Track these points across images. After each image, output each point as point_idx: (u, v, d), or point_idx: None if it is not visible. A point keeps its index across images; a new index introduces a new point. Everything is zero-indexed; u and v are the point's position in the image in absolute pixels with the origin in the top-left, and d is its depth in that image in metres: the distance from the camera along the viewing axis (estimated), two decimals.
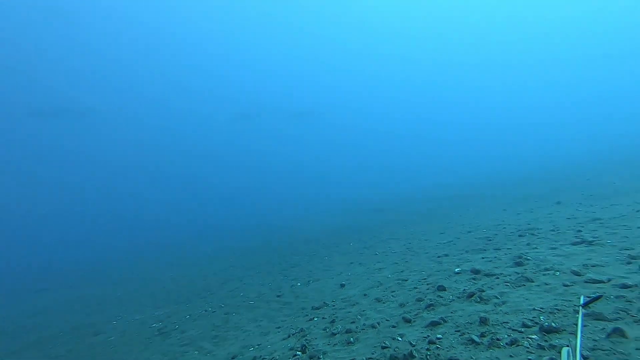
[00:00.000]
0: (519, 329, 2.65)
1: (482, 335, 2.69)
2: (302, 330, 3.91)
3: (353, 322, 3.68)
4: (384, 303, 4.17)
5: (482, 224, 8.57)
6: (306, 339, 3.53)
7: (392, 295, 4.42)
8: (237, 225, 26.53)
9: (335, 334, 3.48)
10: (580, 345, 1.60)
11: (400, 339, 2.99)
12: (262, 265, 10.05)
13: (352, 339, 3.22)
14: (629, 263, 3.51)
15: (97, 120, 70.33)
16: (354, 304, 4.40)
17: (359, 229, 13.69)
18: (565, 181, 12.53)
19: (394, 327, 3.32)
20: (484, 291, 3.70)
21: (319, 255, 9.73)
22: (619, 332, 2.20)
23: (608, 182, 9.97)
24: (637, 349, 2.01)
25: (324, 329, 3.73)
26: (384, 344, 2.92)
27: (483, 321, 2.92)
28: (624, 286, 2.94)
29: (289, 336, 3.88)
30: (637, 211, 5.75)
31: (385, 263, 6.77)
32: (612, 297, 2.81)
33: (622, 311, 2.51)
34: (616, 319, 2.42)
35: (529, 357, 2.24)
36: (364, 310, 4.02)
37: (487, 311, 3.15)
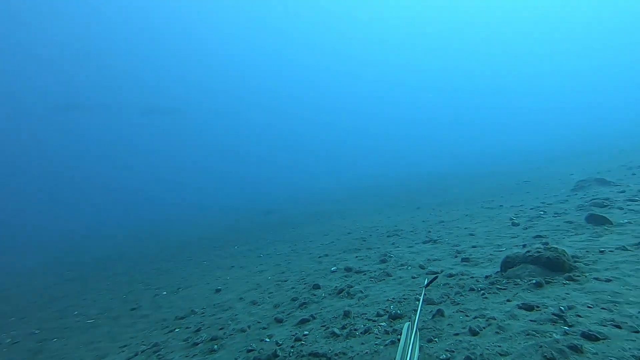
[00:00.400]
0: (373, 318, 3.10)
1: (343, 327, 3.02)
2: (156, 344, 3.51)
3: (221, 329, 3.55)
4: (259, 305, 4.20)
5: (361, 225, 9.72)
6: (159, 355, 3.19)
7: (269, 297, 4.49)
8: (87, 232, 22.08)
9: (198, 344, 3.28)
10: (419, 319, 2.02)
11: (268, 340, 3.05)
12: (118, 275, 8.62)
13: (216, 347, 3.10)
14: (455, 257, 4.62)
15: None
16: (226, 309, 4.26)
17: (246, 231, 13.46)
18: (426, 190, 15.59)
19: (264, 328, 3.37)
20: (352, 287, 4.18)
21: (197, 260, 9.06)
22: (440, 313, 2.85)
23: (454, 192, 12.95)
24: (448, 325, 2.64)
25: (185, 340, 3.46)
26: (250, 347, 2.92)
27: (346, 314, 3.29)
28: (450, 275, 3.84)
29: (135, 354, 3.41)
30: (466, 215, 7.66)
31: (268, 265, 6.84)
32: (441, 285, 3.61)
33: (445, 295, 3.26)
34: (440, 302, 3.13)
35: (376, 341, 2.65)
36: (236, 315, 3.94)
37: (351, 305, 3.56)
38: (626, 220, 4.51)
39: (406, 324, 1.99)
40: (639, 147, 13.88)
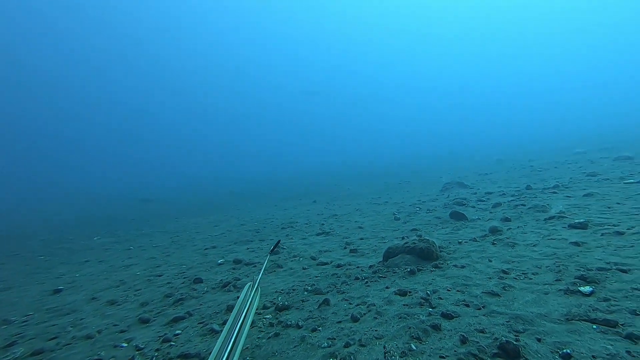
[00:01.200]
0: (259, 311, 2.98)
1: (224, 323, 2.80)
2: None
3: (54, 338, 2.83)
4: (118, 305, 3.56)
5: (256, 217, 9.52)
6: None
7: (135, 295, 3.87)
8: None
9: None
10: (260, 278, 2.33)
11: (125, 344, 2.58)
12: None
13: None
14: (344, 248, 4.93)
15: None
16: (67, 313, 3.44)
17: (114, 222, 11.56)
18: (322, 185, 16.46)
19: (123, 331, 2.86)
20: (239, 279, 3.99)
21: (28, 255, 7.22)
22: (326, 302, 2.95)
23: (347, 188, 14.07)
24: (333, 313, 2.75)
25: None
26: (96, 357, 2.41)
27: (229, 309, 3.08)
28: (338, 265, 4.06)
29: None
30: (357, 210, 8.38)
31: (139, 259, 5.98)
32: (329, 275, 3.77)
33: (332, 285, 3.41)
34: (327, 292, 3.25)
35: (259, 335, 2.54)
36: (82, 319, 3.22)
37: (236, 298, 3.37)
38: (477, 217, 5.67)
39: (248, 284, 2.21)
40: (485, 159, 17.98)
